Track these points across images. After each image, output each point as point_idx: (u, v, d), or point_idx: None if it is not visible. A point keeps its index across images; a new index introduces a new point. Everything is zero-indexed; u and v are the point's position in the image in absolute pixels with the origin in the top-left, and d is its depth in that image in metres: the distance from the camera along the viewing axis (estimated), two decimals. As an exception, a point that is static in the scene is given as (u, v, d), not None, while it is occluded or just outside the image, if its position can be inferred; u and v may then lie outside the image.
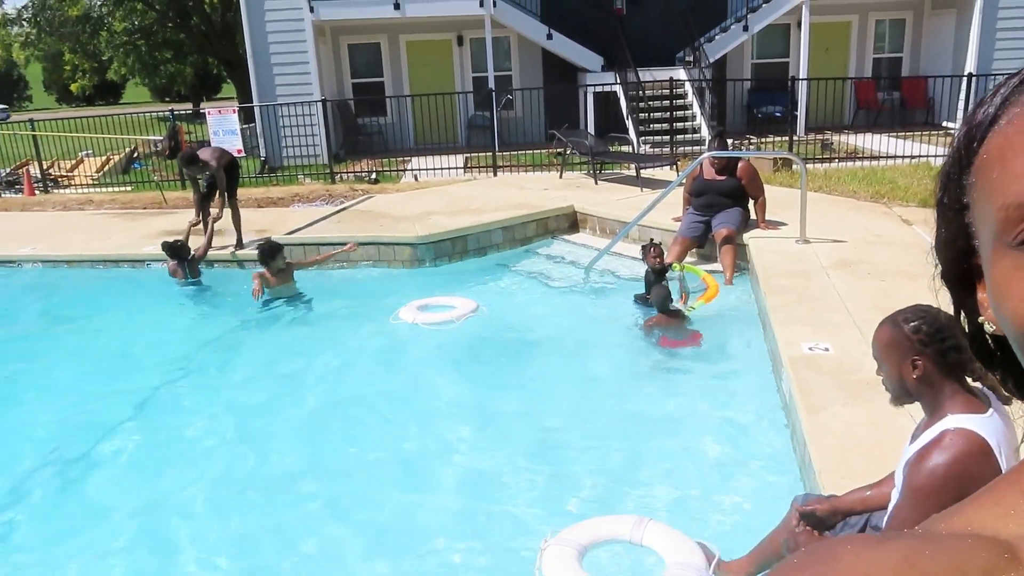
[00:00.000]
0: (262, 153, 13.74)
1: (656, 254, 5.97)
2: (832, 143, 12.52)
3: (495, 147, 12.08)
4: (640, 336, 5.76)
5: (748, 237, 6.78)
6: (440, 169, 11.83)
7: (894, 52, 15.91)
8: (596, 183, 10.03)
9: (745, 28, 14.40)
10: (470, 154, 12.78)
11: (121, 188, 12.67)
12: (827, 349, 4.33)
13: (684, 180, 7.16)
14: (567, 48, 14.62)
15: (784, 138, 12.51)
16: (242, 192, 8.60)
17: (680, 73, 14.17)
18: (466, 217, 8.30)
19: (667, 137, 12.91)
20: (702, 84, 13.85)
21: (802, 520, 2.54)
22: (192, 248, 7.55)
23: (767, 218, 7.04)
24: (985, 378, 1.98)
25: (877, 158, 11.08)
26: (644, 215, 6.99)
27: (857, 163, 10.98)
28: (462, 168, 12.13)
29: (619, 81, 13.85)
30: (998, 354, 0.59)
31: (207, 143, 10.61)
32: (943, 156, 0.62)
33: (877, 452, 3.11)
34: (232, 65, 23.71)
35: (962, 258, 0.57)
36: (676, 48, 14.95)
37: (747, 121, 15.28)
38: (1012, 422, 1.95)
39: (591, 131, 12.43)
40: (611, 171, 10.73)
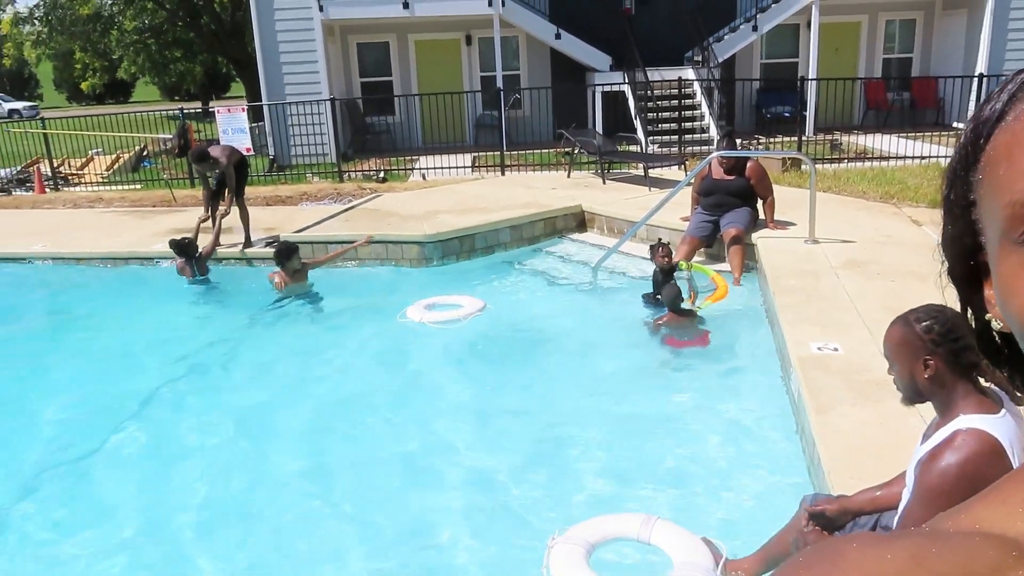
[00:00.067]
0: (271, 151, 13.78)
1: (664, 253, 5.96)
2: (841, 143, 12.47)
3: (503, 146, 12.08)
4: (648, 335, 5.75)
5: (757, 237, 6.76)
6: (448, 168, 11.84)
7: (904, 52, 15.83)
8: (604, 182, 10.02)
9: (754, 28, 14.36)
10: (478, 153, 12.78)
11: (131, 186, 12.73)
12: (836, 349, 4.32)
13: (692, 179, 7.15)
14: (575, 48, 14.61)
15: (793, 138, 12.47)
16: (250, 190, 8.64)
17: (689, 73, 14.14)
18: (474, 216, 8.31)
19: (675, 137, 12.88)
20: (711, 84, 13.81)
21: (811, 520, 2.53)
22: (200, 246, 7.58)
23: (776, 218, 7.02)
24: (993, 375, 1.96)
25: (887, 158, 11.03)
26: (652, 214, 6.97)
27: (866, 163, 10.94)
28: (470, 167, 12.14)
29: (627, 80, 13.83)
30: (1005, 351, 0.59)
31: (216, 142, 10.64)
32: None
33: (887, 452, 3.09)
34: (241, 64, 23.76)
35: (969, 255, 0.57)
36: (685, 48, 14.92)
37: (756, 121, 15.23)
38: (1025, 422, 1.93)
39: (599, 130, 12.41)
40: (619, 171, 10.71)
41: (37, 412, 5.03)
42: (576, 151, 11.02)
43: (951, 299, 0.62)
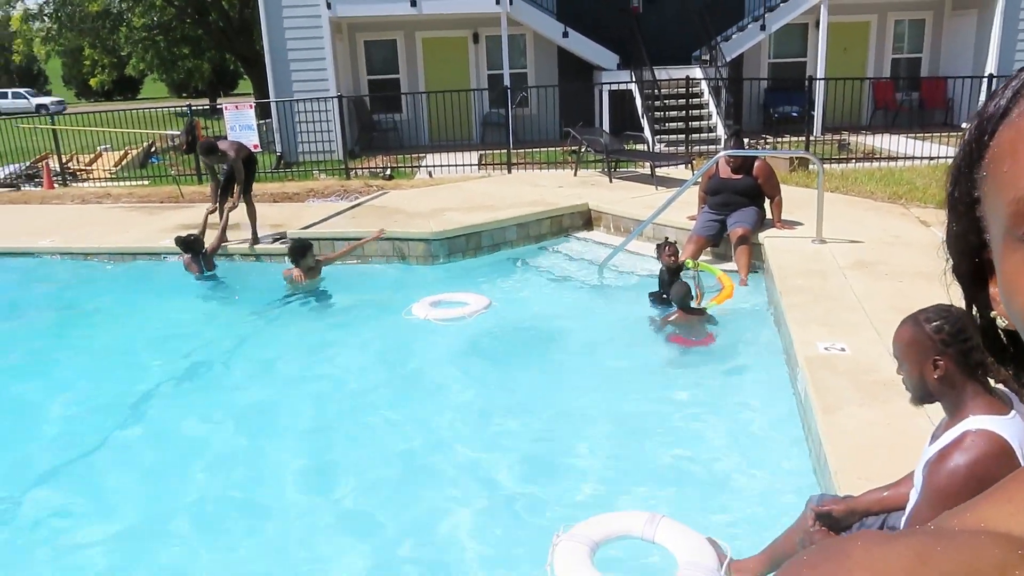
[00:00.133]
0: (278, 148, 13.81)
1: (671, 252, 5.95)
2: (849, 143, 12.43)
3: (509, 144, 12.08)
4: (653, 334, 5.74)
5: (764, 236, 6.74)
6: (454, 166, 11.85)
7: (913, 52, 15.77)
8: (611, 181, 10.00)
9: (762, 27, 14.32)
10: (484, 151, 12.78)
11: (138, 182, 12.77)
12: (843, 349, 4.30)
13: (700, 178, 7.13)
14: (583, 46, 14.60)
15: (800, 138, 12.43)
16: (257, 187, 8.65)
17: (696, 72, 14.11)
18: (480, 214, 8.31)
19: (682, 136, 12.86)
20: (718, 83, 13.78)
21: (818, 520, 2.52)
22: (207, 242, 7.61)
23: (783, 218, 7.00)
24: (998, 373, 1.95)
25: (895, 159, 10.99)
26: (659, 213, 6.96)
27: (874, 164, 10.90)
28: (476, 165, 12.14)
29: (635, 79, 13.81)
30: (1010, 349, 0.59)
31: (224, 138, 10.67)
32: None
33: (894, 453, 3.08)
34: (249, 61, 23.83)
35: (974, 253, 0.56)
36: (692, 47, 14.89)
37: (763, 121, 15.20)
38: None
39: (606, 129, 12.40)
40: (626, 169, 10.70)
41: (42, 406, 5.04)
42: (583, 149, 11.01)
43: (956, 297, 0.62)
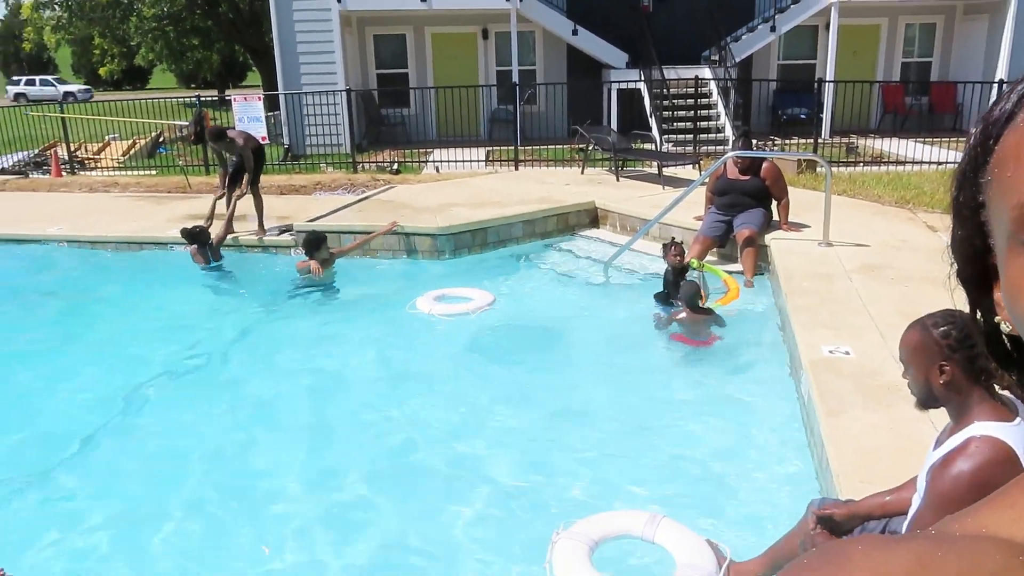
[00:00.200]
0: (285, 141, 13.82)
1: (677, 252, 5.95)
2: (857, 147, 12.39)
3: (517, 141, 12.07)
4: (657, 334, 5.74)
5: (770, 238, 6.73)
6: (461, 161, 11.85)
7: (923, 56, 15.71)
8: (618, 180, 9.99)
9: (772, 28, 14.27)
10: (492, 147, 12.78)
11: (146, 172, 12.80)
12: (848, 353, 4.30)
13: (707, 179, 7.12)
14: (592, 44, 14.57)
15: (809, 140, 12.40)
16: (265, 179, 8.67)
17: (705, 72, 14.07)
18: (487, 210, 8.30)
19: (690, 136, 12.83)
20: (727, 83, 13.75)
21: (819, 524, 2.52)
22: (213, 233, 7.62)
23: (790, 220, 6.99)
24: (1002, 379, 1.95)
25: (903, 163, 10.95)
26: (666, 213, 6.95)
27: (882, 167, 10.87)
28: (483, 161, 12.13)
29: (643, 78, 13.78)
30: (1015, 355, 0.59)
31: (232, 128, 10.68)
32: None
33: (897, 457, 3.08)
34: (258, 53, 23.85)
35: (978, 257, 0.56)
36: (702, 46, 14.85)
37: (772, 122, 15.16)
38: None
39: (614, 128, 12.38)
40: (633, 168, 10.69)
41: (45, 394, 5.05)
42: (590, 148, 11.00)
43: (960, 301, 0.62)
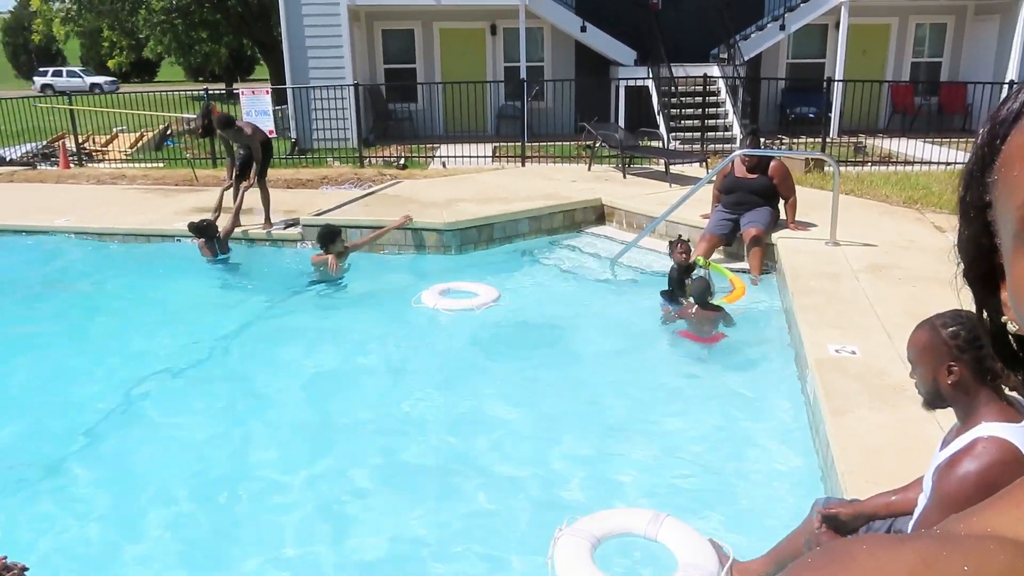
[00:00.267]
0: (293, 135, 13.84)
1: (683, 250, 5.94)
2: (866, 146, 12.34)
3: (524, 137, 12.06)
4: (662, 331, 5.73)
5: (777, 237, 6.71)
6: (468, 157, 11.84)
7: (933, 56, 15.63)
8: (624, 177, 9.98)
9: (782, 27, 14.23)
10: (499, 143, 12.77)
11: (153, 164, 12.83)
12: (854, 352, 4.28)
13: (714, 177, 7.11)
14: (600, 41, 14.54)
15: (817, 139, 12.36)
16: (272, 173, 8.68)
17: (714, 70, 14.04)
18: (493, 206, 8.30)
19: (698, 134, 12.80)
20: (736, 82, 13.70)
21: (824, 523, 2.51)
22: (220, 226, 7.64)
23: (797, 219, 6.97)
24: (1008, 379, 1.94)
25: (911, 163, 10.91)
26: (673, 210, 6.94)
27: (891, 167, 10.83)
28: (490, 157, 12.13)
29: (651, 76, 13.75)
30: (1021, 355, 0.58)
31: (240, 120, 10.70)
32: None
33: (903, 456, 3.07)
34: (267, 47, 23.85)
35: (985, 257, 0.56)
36: (711, 44, 14.81)
37: (780, 121, 15.11)
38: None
39: (621, 125, 12.36)
40: (640, 166, 10.67)
41: (51, 385, 5.07)
42: (597, 144, 10.98)
43: (967, 301, 0.62)
